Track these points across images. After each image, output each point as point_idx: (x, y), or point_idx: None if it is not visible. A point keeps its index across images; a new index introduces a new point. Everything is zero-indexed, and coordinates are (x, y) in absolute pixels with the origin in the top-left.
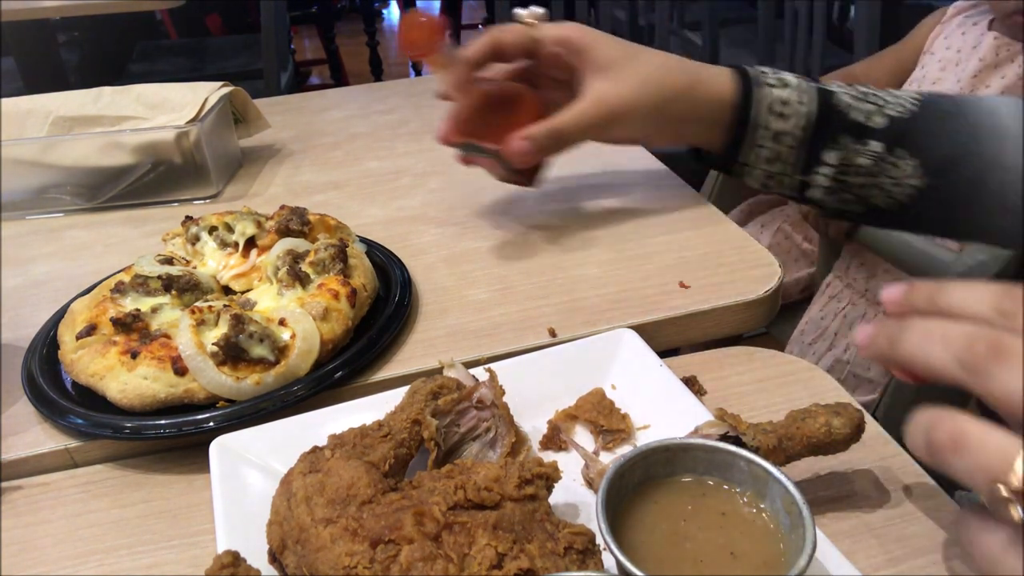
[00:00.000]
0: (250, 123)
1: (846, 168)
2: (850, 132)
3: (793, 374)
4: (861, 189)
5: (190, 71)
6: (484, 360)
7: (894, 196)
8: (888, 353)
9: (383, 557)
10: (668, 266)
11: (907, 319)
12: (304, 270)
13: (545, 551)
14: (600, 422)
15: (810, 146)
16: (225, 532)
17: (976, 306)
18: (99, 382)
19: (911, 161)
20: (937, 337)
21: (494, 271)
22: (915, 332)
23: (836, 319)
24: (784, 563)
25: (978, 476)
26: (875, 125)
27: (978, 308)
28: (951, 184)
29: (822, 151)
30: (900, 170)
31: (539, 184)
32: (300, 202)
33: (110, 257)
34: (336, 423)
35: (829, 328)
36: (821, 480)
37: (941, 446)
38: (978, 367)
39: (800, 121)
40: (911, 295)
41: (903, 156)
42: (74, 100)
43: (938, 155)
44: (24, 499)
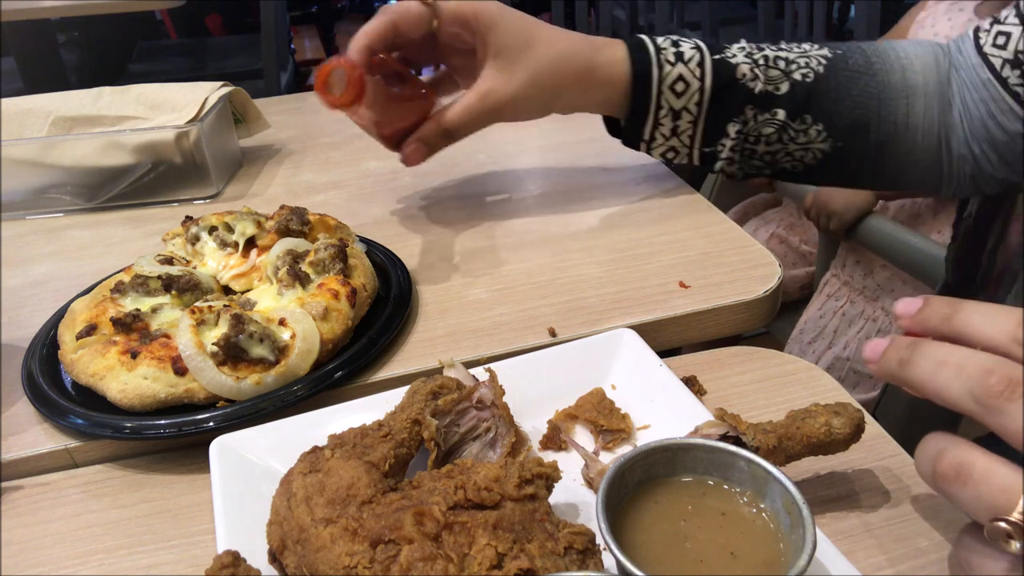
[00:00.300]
0: (250, 123)
1: (751, 138)
2: (753, 102)
3: (793, 374)
4: (768, 156)
5: (190, 71)
6: (484, 360)
7: (802, 160)
8: (899, 375)
9: (383, 557)
10: (668, 266)
11: (919, 342)
12: (304, 270)
13: (545, 551)
14: (600, 422)
15: (711, 120)
16: (225, 532)
17: (993, 332)
18: (99, 382)
19: (817, 126)
20: (951, 367)
21: (494, 271)
22: (928, 359)
23: (835, 317)
24: (784, 563)
25: (980, 509)
26: (780, 92)
27: (994, 334)
28: (859, 146)
29: (725, 124)
30: (807, 136)
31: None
32: (300, 202)
33: (110, 257)
34: (336, 423)
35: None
36: (821, 480)
37: (945, 476)
38: (991, 403)
39: (698, 97)
40: (926, 312)
41: (809, 122)
42: (74, 100)
43: (846, 119)
44: (24, 499)
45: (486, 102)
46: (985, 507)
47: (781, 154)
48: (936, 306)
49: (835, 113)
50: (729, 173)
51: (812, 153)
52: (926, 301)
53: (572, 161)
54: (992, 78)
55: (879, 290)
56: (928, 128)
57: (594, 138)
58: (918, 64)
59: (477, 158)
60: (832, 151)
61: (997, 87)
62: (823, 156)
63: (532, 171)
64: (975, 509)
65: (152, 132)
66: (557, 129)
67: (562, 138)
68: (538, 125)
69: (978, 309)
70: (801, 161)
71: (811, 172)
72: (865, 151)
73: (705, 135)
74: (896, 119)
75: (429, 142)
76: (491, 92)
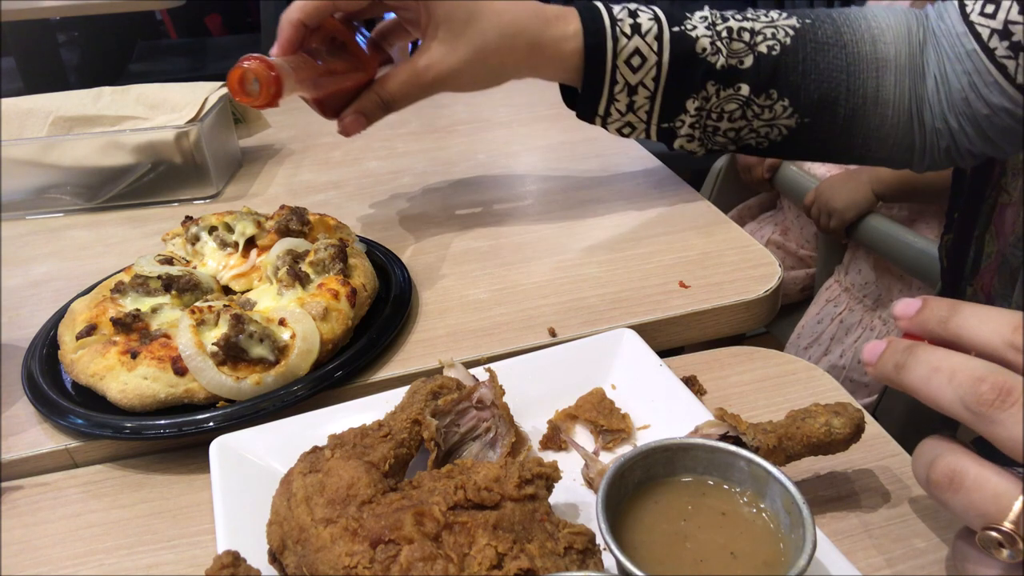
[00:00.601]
0: (250, 123)
1: (713, 114)
2: (715, 78)
3: (793, 374)
4: (732, 132)
5: (190, 71)
6: (484, 360)
7: (767, 137)
8: (894, 378)
9: (383, 557)
10: (668, 266)
11: (915, 346)
12: (304, 270)
13: (545, 551)
14: (600, 422)
15: (669, 96)
16: (225, 532)
17: (988, 336)
18: (99, 382)
19: (783, 102)
20: (944, 373)
21: (494, 271)
22: (922, 364)
23: (832, 324)
24: (784, 563)
25: (972, 516)
26: (744, 66)
27: (990, 339)
28: (826, 122)
29: (684, 100)
30: (772, 111)
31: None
32: (300, 202)
33: (110, 257)
34: (336, 423)
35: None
36: (821, 480)
37: (938, 483)
38: (982, 411)
39: (655, 72)
40: (924, 314)
41: (775, 97)
42: (74, 100)
43: (813, 94)
44: (24, 499)
45: (426, 76)
46: (977, 515)
47: (745, 130)
48: (934, 308)
49: (802, 88)
50: (690, 150)
51: (777, 129)
52: (925, 303)
53: (572, 161)
54: (977, 48)
55: (880, 300)
56: (899, 102)
57: (594, 138)
58: (890, 34)
59: (477, 158)
60: (798, 127)
61: (982, 58)
62: (789, 132)
63: (532, 171)
64: (967, 517)
65: (152, 132)
66: (557, 129)
67: (562, 138)
68: (538, 125)
69: (976, 312)
70: (766, 138)
71: (776, 148)
72: (832, 126)
73: (663, 111)
74: (865, 92)
75: (367, 113)
76: (432, 66)
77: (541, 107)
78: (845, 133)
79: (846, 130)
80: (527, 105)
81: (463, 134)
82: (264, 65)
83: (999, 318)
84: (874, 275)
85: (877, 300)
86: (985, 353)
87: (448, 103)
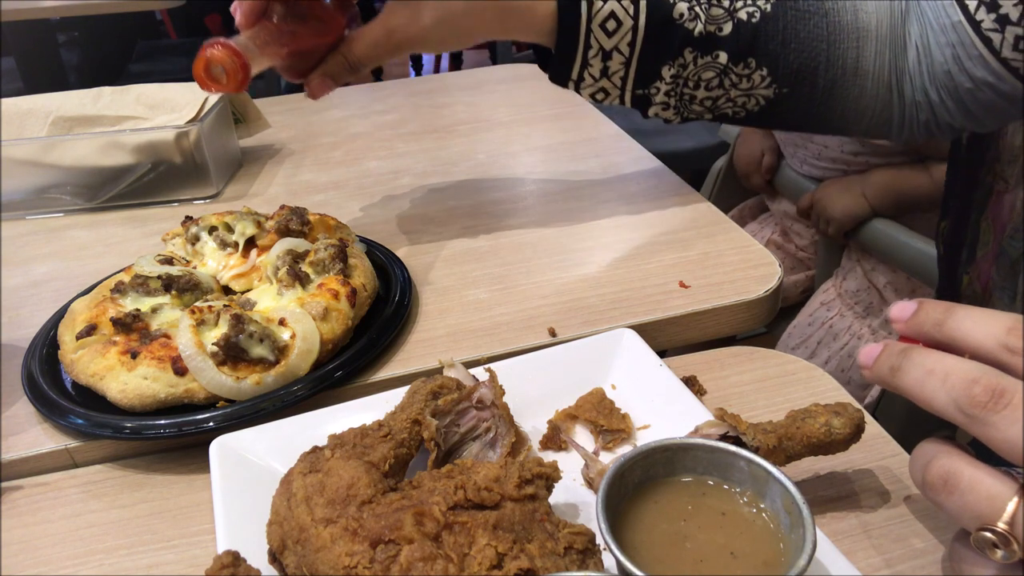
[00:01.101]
0: (250, 123)
1: (690, 82)
2: (692, 44)
3: (793, 374)
4: (708, 101)
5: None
6: (484, 360)
7: (744, 107)
8: (889, 381)
9: (383, 557)
10: (668, 266)
11: (910, 349)
12: (304, 270)
13: (545, 551)
14: (600, 422)
15: (644, 62)
16: (225, 532)
17: (983, 338)
18: (99, 382)
19: (761, 71)
20: (938, 376)
21: (494, 271)
22: (916, 367)
23: (822, 328)
24: (784, 563)
25: (967, 517)
26: (723, 33)
27: (984, 341)
28: (805, 93)
29: (660, 66)
30: (750, 81)
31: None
32: (300, 202)
33: (110, 257)
34: (336, 423)
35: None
36: (821, 480)
37: (933, 485)
38: (975, 413)
39: (631, 37)
40: (919, 317)
41: (753, 66)
42: (74, 100)
43: (792, 64)
44: (24, 499)
45: (392, 39)
46: (972, 516)
47: (722, 100)
48: (929, 310)
49: (781, 57)
50: (665, 118)
51: (755, 99)
52: (920, 305)
53: (572, 161)
54: (963, 20)
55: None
56: (878, 73)
57: (594, 138)
58: (871, 4)
59: (477, 158)
60: (776, 97)
61: (967, 30)
62: (766, 102)
63: (532, 171)
64: (962, 518)
65: (152, 132)
66: (557, 129)
67: (562, 138)
68: (538, 125)
69: (970, 315)
70: (743, 107)
71: (754, 118)
72: (811, 97)
73: (638, 77)
74: (845, 63)
75: (334, 76)
76: (397, 30)
77: (541, 107)
78: (823, 104)
79: (824, 101)
80: (527, 105)
81: (463, 134)
82: (228, 52)
83: (993, 320)
84: (866, 282)
85: (867, 308)
86: (980, 355)
87: (448, 103)
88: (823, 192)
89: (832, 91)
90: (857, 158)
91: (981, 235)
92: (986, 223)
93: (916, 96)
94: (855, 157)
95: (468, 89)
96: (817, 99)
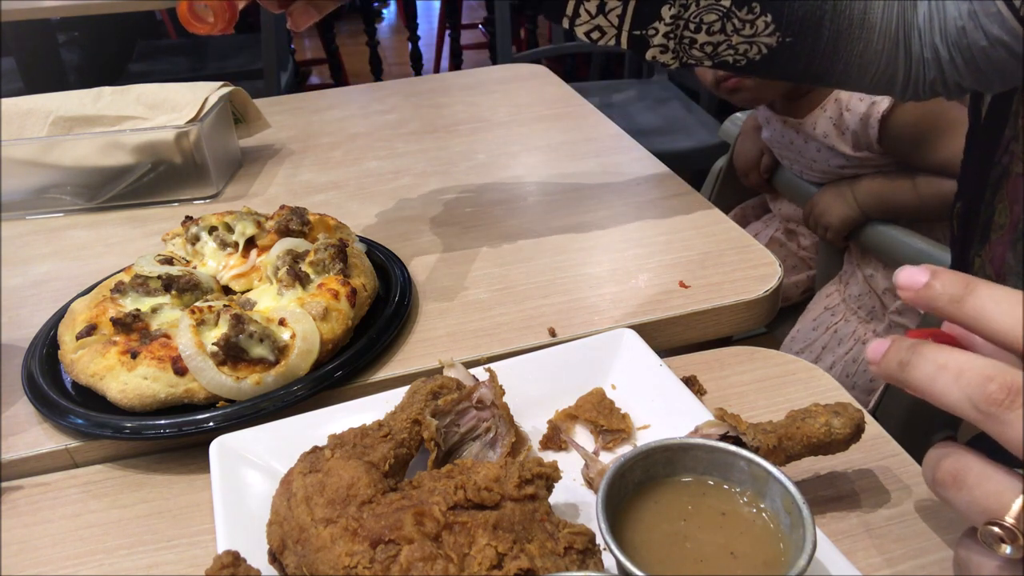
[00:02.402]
0: (250, 123)
1: (691, 25)
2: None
3: (793, 374)
4: (709, 47)
5: (190, 71)
6: (484, 360)
7: (746, 55)
8: (899, 377)
9: (383, 557)
10: (668, 266)
11: (920, 343)
12: (304, 270)
13: (545, 551)
14: (600, 422)
15: (643, 0)
16: (225, 532)
17: (1012, 324)
18: (99, 382)
19: (765, 17)
20: (951, 371)
21: (494, 271)
22: (928, 362)
23: (827, 333)
24: (784, 563)
25: (975, 512)
26: None
27: (1012, 328)
28: (808, 43)
29: (659, 5)
30: (753, 27)
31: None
32: (300, 202)
33: (110, 257)
34: (336, 423)
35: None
36: (821, 480)
37: (943, 482)
38: (991, 410)
39: None
40: (934, 288)
41: (756, 12)
42: (74, 100)
43: (797, 12)
44: (24, 499)
45: None
46: (979, 511)
47: (723, 46)
48: (947, 282)
49: (786, 4)
50: (663, 62)
51: (757, 47)
52: (934, 274)
53: (572, 161)
54: None
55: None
56: (885, 27)
57: (594, 138)
58: None
59: (477, 158)
60: (779, 46)
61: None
62: (769, 51)
63: (532, 171)
64: (970, 513)
65: (152, 132)
66: (557, 129)
67: (562, 138)
68: (538, 125)
69: (993, 295)
70: (744, 55)
71: (755, 67)
72: (815, 48)
73: (636, 16)
74: (852, 14)
75: (317, 4)
76: None
77: (541, 107)
78: (827, 56)
79: (828, 53)
80: (527, 105)
81: (463, 134)
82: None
83: (1014, 301)
84: (867, 287)
85: (871, 312)
86: (1001, 340)
87: (448, 103)
88: (818, 199)
89: (837, 43)
90: (845, 171)
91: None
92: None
93: (925, 53)
94: (843, 170)
95: (468, 89)
96: (821, 50)
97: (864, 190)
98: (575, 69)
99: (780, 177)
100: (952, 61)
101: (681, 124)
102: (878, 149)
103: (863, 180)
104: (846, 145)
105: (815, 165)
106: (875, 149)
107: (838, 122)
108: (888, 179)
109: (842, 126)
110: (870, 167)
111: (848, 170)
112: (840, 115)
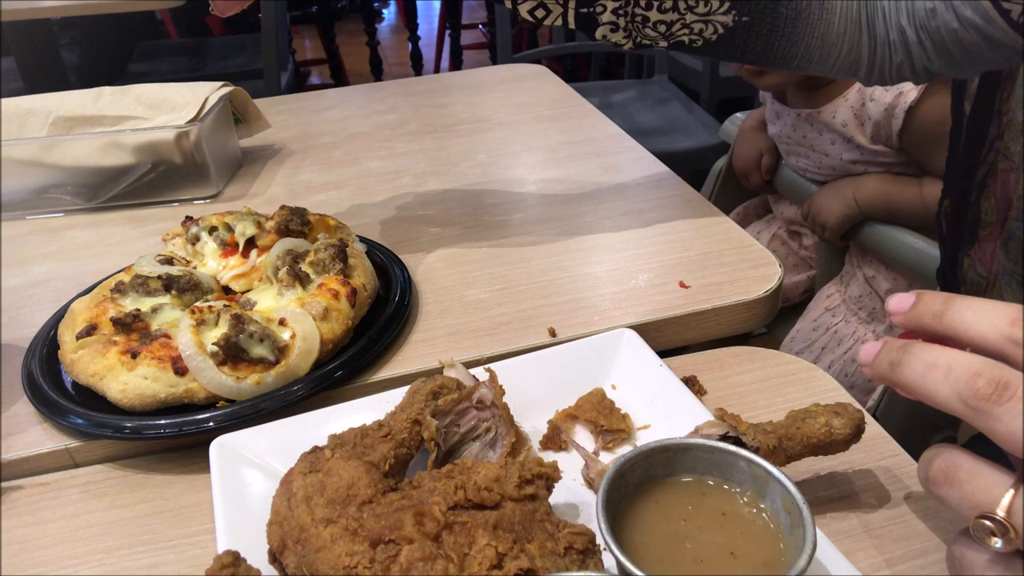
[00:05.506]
0: (250, 123)
1: (642, 3)
2: None
3: (793, 374)
4: (663, 26)
5: (190, 71)
6: (484, 360)
7: (702, 35)
8: (890, 377)
9: (383, 557)
10: (668, 266)
11: (910, 344)
12: (304, 270)
13: (545, 551)
14: (600, 422)
15: None
16: (225, 532)
17: (986, 330)
18: (99, 382)
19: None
20: (940, 369)
21: (494, 271)
22: (918, 360)
23: (827, 334)
24: (784, 563)
25: (966, 508)
26: None
27: (987, 332)
28: (766, 23)
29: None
30: (707, 5)
31: None
32: (300, 202)
33: (110, 257)
34: (336, 423)
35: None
36: (821, 480)
37: (935, 480)
38: (979, 406)
39: None
40: (918, 308)
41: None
42: (74, 100)
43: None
44: (24, 499)
45: None
46: (971, 506)
47: (677, 25)
48: (928, 302)
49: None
50: (615, 41)
51: (713, 26)
52: (919, 297)
53: (572, 161)
54: None
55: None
56: (846, 8)
57: (594, 138)
58: None
59: (477, 158)
60: (736, 25)
61: None
62: (725, 31)
63: (532, 171)
64: (962, 509)
65: (152, 132)
66: (557, 129)
67: (562, 138)
68: (538, 125)
69: (971, 306)
70: (700, 35)
71: (712, 48)
72: (773, 28)
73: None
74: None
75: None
76: None
77: (541, 107)
78: (786, 37)
79: (788, 34)
80: (527, 105)
81: (463, 134)
82: None
83: (996, 311)
84: (868, 288)
85: (871, 313)
86: (982, 347)
87: (448, 103)
88: (817, 197)
89: (796, 23)
90: (855, 167)
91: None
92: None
93: (891, 35)
94: (854, 165)
95: (468, 89)
96: (780, 31)
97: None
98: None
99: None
100: (920, 44)
101: (681, 124)
102: (895, 143)
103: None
104: (864, 136)
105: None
106: (892, 143)
107: (859, 112)
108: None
109: (863, 116)
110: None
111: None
112: (862, 104)
